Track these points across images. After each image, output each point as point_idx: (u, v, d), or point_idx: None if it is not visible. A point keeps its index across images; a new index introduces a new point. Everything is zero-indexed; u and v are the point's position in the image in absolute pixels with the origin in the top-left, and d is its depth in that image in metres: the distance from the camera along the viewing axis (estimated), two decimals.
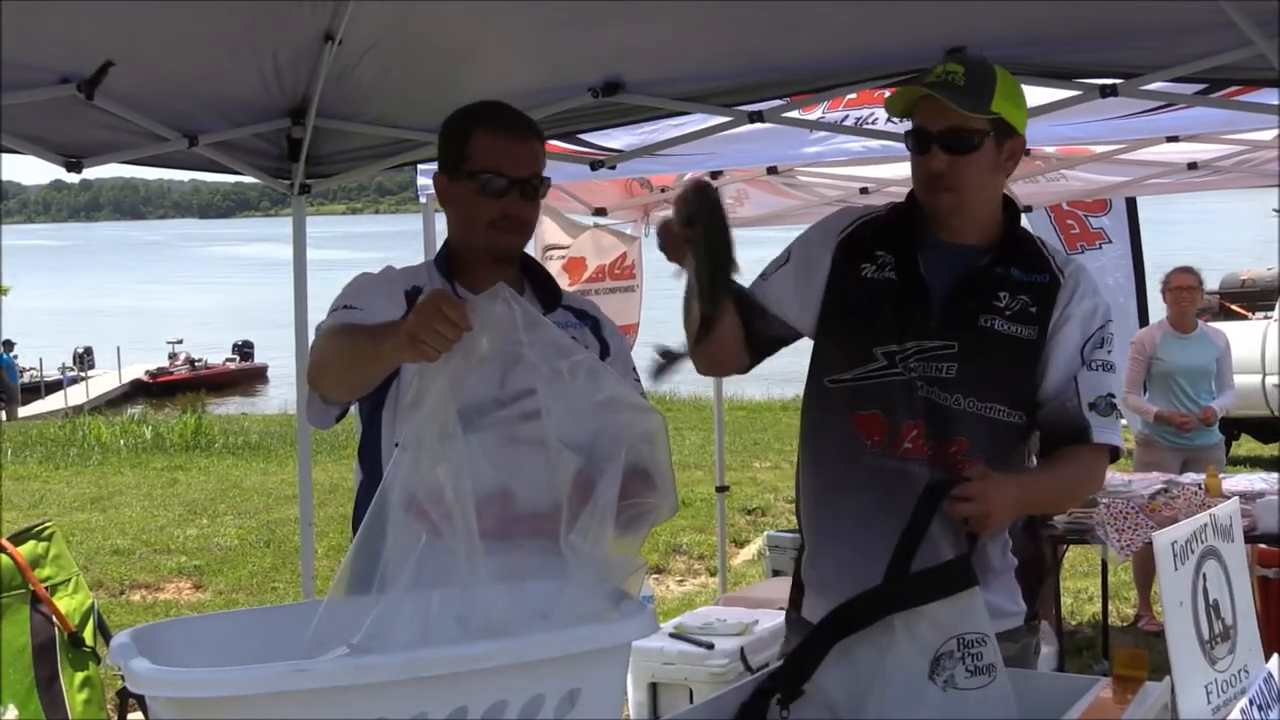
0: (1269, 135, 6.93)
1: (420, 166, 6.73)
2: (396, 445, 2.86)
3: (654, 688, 6.21)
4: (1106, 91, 4.61)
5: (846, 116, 6.20)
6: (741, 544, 11.91)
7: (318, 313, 3.17)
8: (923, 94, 3.21)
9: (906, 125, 3.34)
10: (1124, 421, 9.30)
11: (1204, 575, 2.87)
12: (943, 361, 3.20)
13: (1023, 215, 3.43)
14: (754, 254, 3.41)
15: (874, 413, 3.25)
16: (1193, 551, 2.85)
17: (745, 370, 3.46)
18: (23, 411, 29.28)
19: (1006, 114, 3.21)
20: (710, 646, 6.17)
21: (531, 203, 3.23)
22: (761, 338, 3.39)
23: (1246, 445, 16.28)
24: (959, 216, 3.28)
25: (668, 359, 3.25)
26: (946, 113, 3.17)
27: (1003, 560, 3.34)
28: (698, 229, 3.00)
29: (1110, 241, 10.84)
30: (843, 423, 3.30)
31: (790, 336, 3.43)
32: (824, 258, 3.36)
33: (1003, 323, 3.22)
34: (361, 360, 2.88)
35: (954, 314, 3.23)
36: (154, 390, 34.24)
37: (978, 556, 3.00)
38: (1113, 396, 3.27)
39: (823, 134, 6.32)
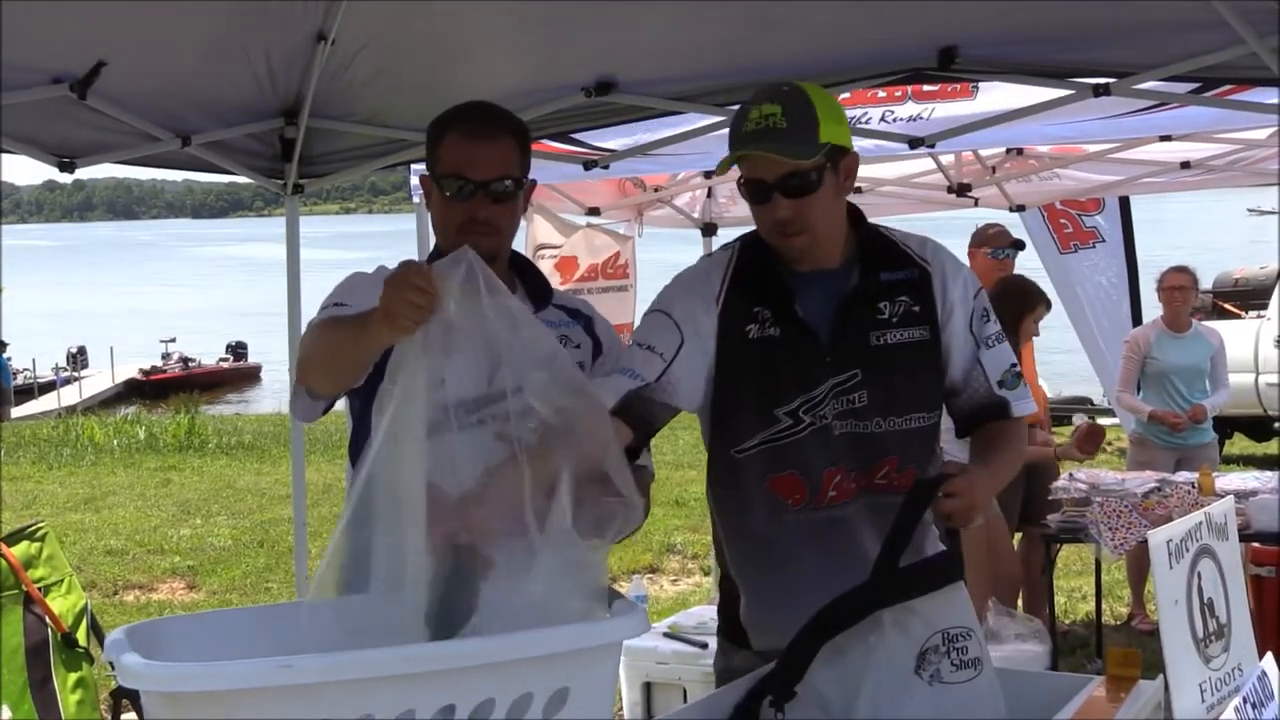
0: (1262, 134, 6.95)
1: (414, 166, 6.73)
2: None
3: (648, 687, 6.21)
4: (1099, 91, 4.61)
5: None
6: None
7: (311, 312, 3.16)
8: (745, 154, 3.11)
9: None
10: (1117, 420, 9.34)
11: (1199, 574, 2.87)
12: (851, 392, 3.16)
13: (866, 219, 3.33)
14: None
15: (790, 473, 3.20)
16: (1187, 550, 2.85)
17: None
18: (16, 412, 29.21)
19: (835, 138, 3.11)
20: (704, 646, 6.17)
21: (503, 205, 3.20)
22: (652, 430, 3.21)
23: (1240, 444, 16.30)
24: (815, 250, 3.20)
25: None
26: (778, 160, 3.07)
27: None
28: None
29: (1103, 240, 10.83)
30: (759, 489, 3.24)
31: (672, 414, 3.23)
32: (709, 331, 3.20)
33: (893, 333, 3.19)
34: (343, 348, 2.87)
35: (845, 343, 3.17)
36: (147, 390, 34.18)
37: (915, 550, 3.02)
38: (1015, 366, 3.29)
39: None
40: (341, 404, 3.31)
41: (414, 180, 7.04)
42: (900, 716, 2.72)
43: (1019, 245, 7.91)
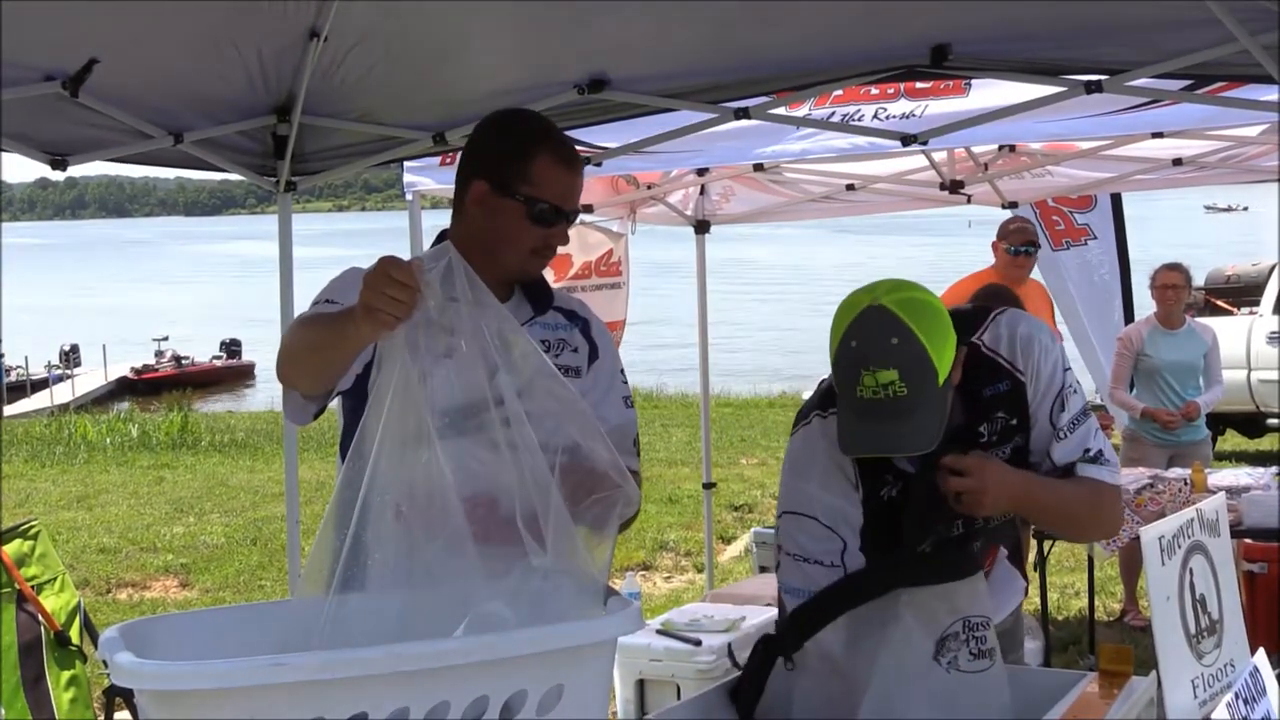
0: (1254, 131, 6.96)
1: (406, 164, 6.73)
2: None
3: (641, 684, 6.21)
4: (1091, 88, 4.61)
5: (833, 113, 6.21)
6: (728, 540, 11.91)
7: (304, 310, 3.14)
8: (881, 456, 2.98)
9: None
10: (1116, 433, 9.34)
11: (1191, 570, 2.88)
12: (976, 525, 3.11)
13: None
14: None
15: None
16: (1179, 546, 2.86)
17: None
18: (8, 410, 29.16)
19: (947, 362, 2.90)
20: (697, 643, 6.17)
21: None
22: None
23: (1232, 440, 16.31)
24: None
25: None
26: None
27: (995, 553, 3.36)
28: None
29: (1095, 238, 10.85)
30: None
31: None
32: (855, 514, 3.07)
33: (995, 451, 3.07)
34: (323, 345, 2.83)
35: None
36: (140, 388, 34.14)
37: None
38: (1089, 451, 3.11)
39: (809, 130, 6.32)
40: (334, 404, 3.29)
41: (407, 178, 7.04)
42: (914, 699, 2.75)
43: (1032, 245, 7.91)
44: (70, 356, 35.21)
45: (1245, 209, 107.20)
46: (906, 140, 5.80)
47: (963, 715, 2.77)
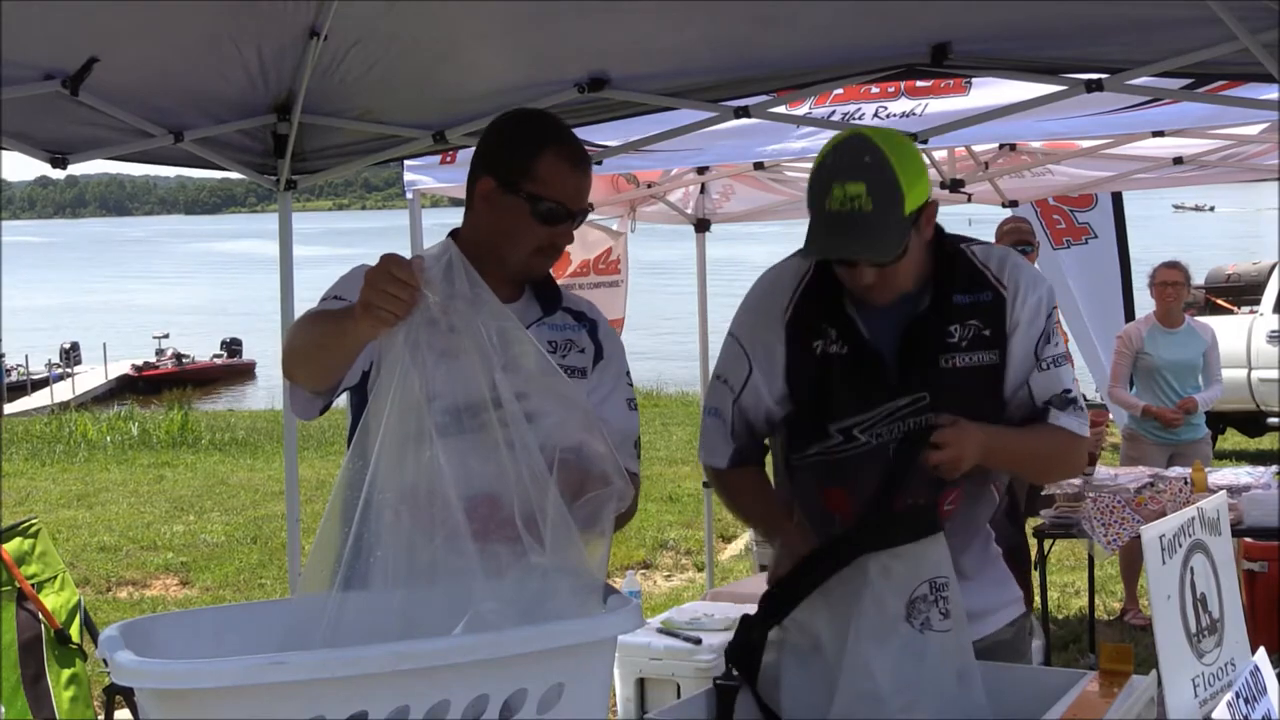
0: (1254, 130, 6.96)
1: (407, 163, 6.74)
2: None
3: (641, 683, 6.22)
4: (1092, 87, 4.61)
5: (833, 112, 6.22)
6: (728, 539, 11.92)
7: (304, 309, 3.14)
8: (837, 259, 3.09)
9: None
10: (1110, 416, 9.36)
11: (1191, 569, 2.88)
12: (918, 415, 3.14)
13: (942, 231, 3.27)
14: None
15: (839, 489, 3.22)
16: (1180, 545, 2.85)
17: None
18: (9, 408, 29.17)
19: (918, 201, 3.04)
20: (697, 642, 6.18)
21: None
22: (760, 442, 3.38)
23: (1232, 439, 16.32)
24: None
25: None
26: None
27: (986, 551, 3.36)
28: None
29: (1096, 237, 10.86)
30: (814, 496, 3.29)
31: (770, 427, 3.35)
32: (778, 349, 3.25)
33: (962, 356, 3.15)
34: (325, 342, 2.83)
35: (912, 367, 3.15)
36: (140, 386, 34.14)
37: (980, 548, 3.11)
38: (1068, 393, 3.23)
39: (809, 129, 6.32)
40: (341, 400, 3.29)
41: (408, 176, 7.05)
42: (889, 660, 2.77)
43: (1027, 244, 7.88)
44: (70, 355, 35.19)
45: (1212, 209, 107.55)
46: None
47: (933, 672, 2.80)
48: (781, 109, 5.57)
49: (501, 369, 2.53)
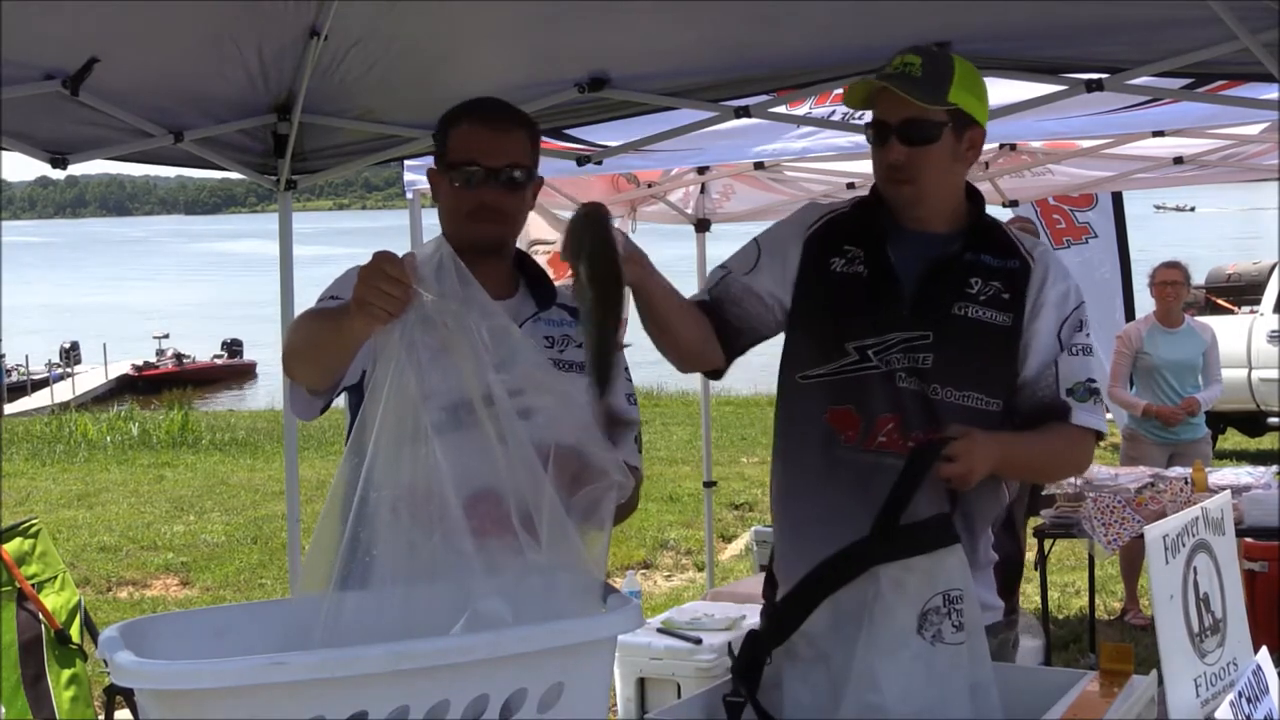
0: (1254, 130, 6.96)
1: (407, 162, 6.72)
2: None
3: (642, 683, 6.21)
4: (1092, 86, 4.61)
5: (833, 112, 6.21)
6: (729, 539, 11.92)
7: (304, 308, 3.16)
8: (879, 86, 3.20)
9: None
10: (1110, 415, 9.37)
11: (1194, 569, 2.87)
12: (919, 352, 3.20)
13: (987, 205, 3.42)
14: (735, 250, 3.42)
15: (847, 408, 3.24)
16: (1184, 545, 2.85)
17: (722, 369, 3.43)
18: (9, 408, 29.17)
19: (965, 104, 3.20)
20: (698, 641, 6.18)
21: (513, 194, 3.19)
22: (735, 336, 3.35)
23: (1233, 439, 16.32)
24: (921, 207, 3.27)
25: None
26: (904, 104, 3.17)
27: (987, 555, 3.36)
28: (583, 265, 2.77)
29: (1096, 236, 10.87)
30: (817, 417, 3.29)
31: (764, 333, 3.38)
32: (793, 254, 3.34)
33: (976, 309, 3.22)
34: (322, 340, 2.87)
35: (926, 303, 3.22)
36: (140, 386, 34.12)
37: (969, 549, 3.04)
38: (1092, 381, 3.27)
39: (810, 129, 6.32)
40: (340, 400, 3.29)
41: (408, 176, 7.04)
42: (898, 673, 2.75)
43: None
44: (71, 355, 35.18)
45: (1192, 209, 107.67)
46: None
47: (945, 685, 2.79)
48: (781, 109, 5.57)
49: (493, 366, 2.53)
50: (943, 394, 3.20)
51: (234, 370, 37.48)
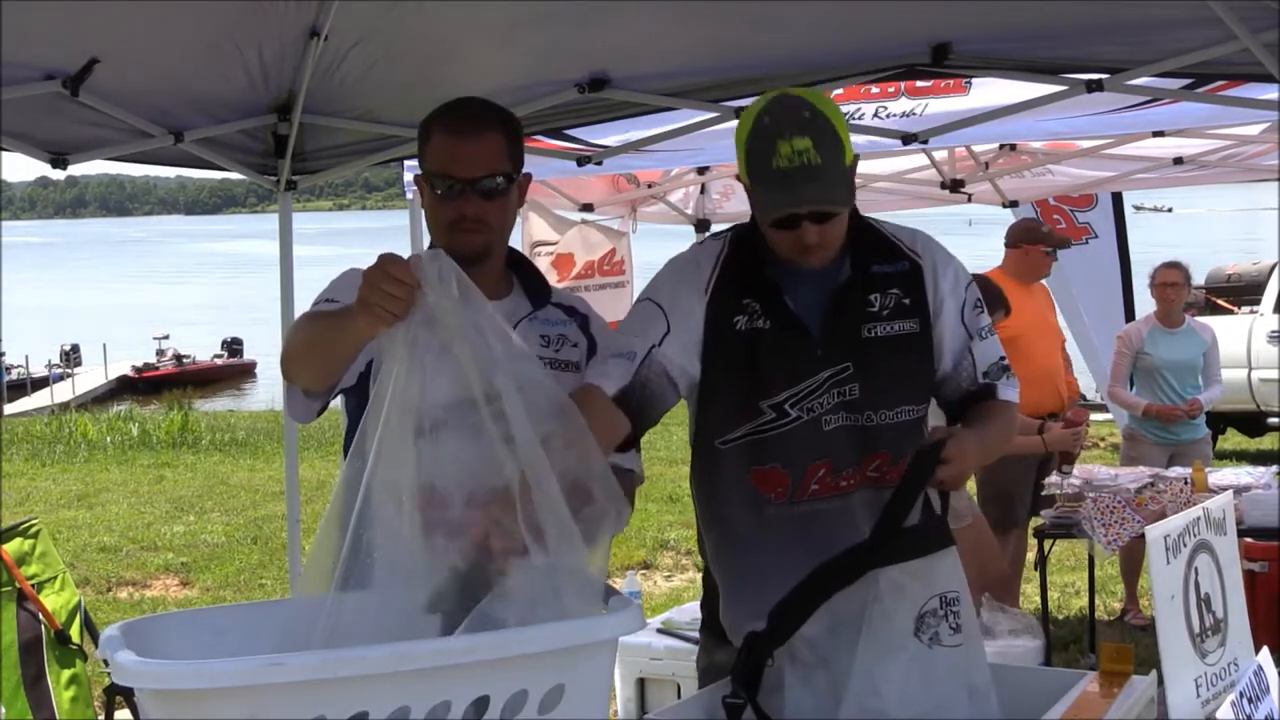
0: (1254, 130, 6.97)
1: (407, 163, 6.73)
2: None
3: (642, 683, 6.20)
4: (1092, 87, 4.61)
5: None
6: None
7: (304, 308, 3.15)
8: (791, 213, 3.02)
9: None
10: (1110, 416, 9.35)
11: (1196, 569, 2.87)
12: (845, 384, 3.14)
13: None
14: None
15: (772, 467, 3.17)
16: (1185, 545, 2.85)
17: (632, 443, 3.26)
18: (9, 409, 29.16)
19: (849, 151, 3.07)
20: (698, 642, 6.16)
21: (492, 202, 3.13)
22: (647, 419, 3.17)
23: (1233, 439, 16.31)
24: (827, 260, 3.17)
25: None
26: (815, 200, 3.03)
27: None
28: None
29: (1096, 236, 10.85)
30: (741, 482, 3.22)
31: (667, 407, 3.21)
32: (696, 320, 3.16)
33: (884, 326, 3.17)
34: (323, 341, 2.86)
35: (836, 337, 3.14)
36: (140, 386, 34.12)
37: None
38: (1003, 359, 3.29)
39: None
40: (338, 402, 3.29)
41: (407, 176, 7.05)
42: (897, 677, 2.75)
43: (1008, 241, 7.85)
44: (71, 355, 35.19)
45: (1169, 210, 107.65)
46: (907, 139, 5.81)
47: (944, 689, 2.79)
48: None
49: (496, 370, 2.53)
50: (876, 418, 3.17)
51: (234, 370, 37.47)
